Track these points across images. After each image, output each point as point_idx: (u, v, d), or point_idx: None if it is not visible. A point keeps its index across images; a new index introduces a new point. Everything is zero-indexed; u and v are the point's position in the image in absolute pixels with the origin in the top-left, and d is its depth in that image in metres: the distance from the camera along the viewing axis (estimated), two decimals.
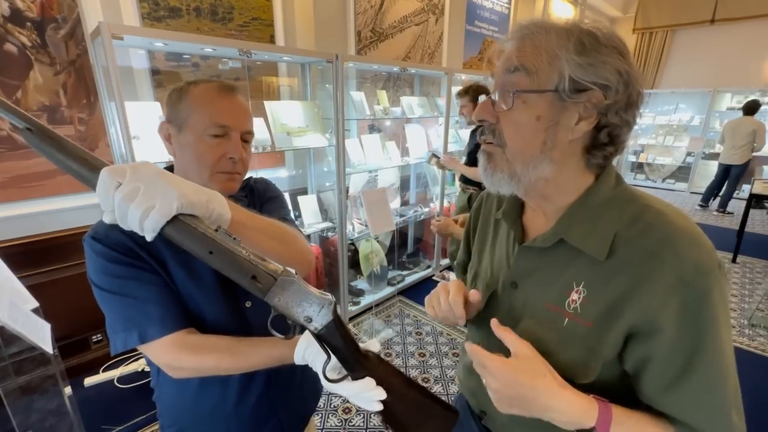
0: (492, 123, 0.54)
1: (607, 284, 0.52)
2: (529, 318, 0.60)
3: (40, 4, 1.65)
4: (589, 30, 0.49)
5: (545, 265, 0.58)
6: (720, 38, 6.28)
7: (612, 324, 0.51)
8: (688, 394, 0.49)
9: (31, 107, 1.70)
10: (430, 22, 3.51)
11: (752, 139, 4.95)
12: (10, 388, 1.47)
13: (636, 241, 0.51)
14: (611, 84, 0.48)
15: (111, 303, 0.64)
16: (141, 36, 1.50)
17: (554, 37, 0.49)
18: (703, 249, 0.50)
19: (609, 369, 0.54)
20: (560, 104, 0.50)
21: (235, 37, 2.25)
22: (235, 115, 0.71)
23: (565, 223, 0.56)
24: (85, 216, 1.89)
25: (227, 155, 0.70)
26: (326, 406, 1.94)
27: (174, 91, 0.72)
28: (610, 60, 0.48)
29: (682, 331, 0.48)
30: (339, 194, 2.39)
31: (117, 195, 0.45)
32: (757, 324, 2.67)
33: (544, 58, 0.49)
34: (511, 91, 0.51)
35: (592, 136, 0.52)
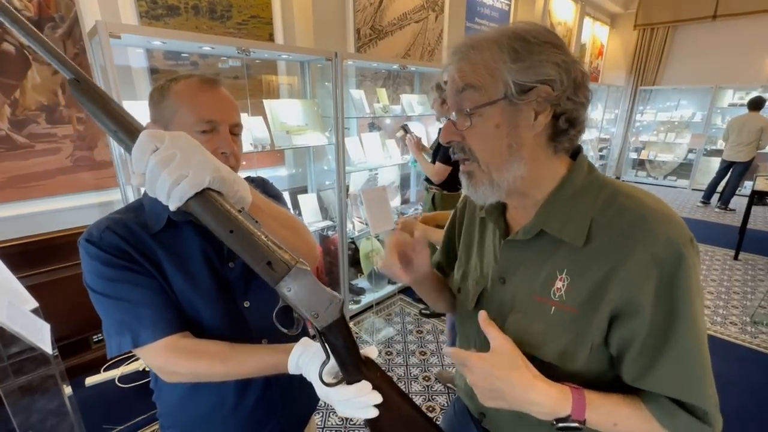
0: (460, 141, 0.57)
1: (587, 269, 0.54)
2: (517, 311, 0.62)
3: (37, 3, 1.64)
4: (517, 34, 0.52)
5: (529, 257, 0.60)
6: (722, 34, 6.25)
7: (596, 308, 0.53)
8: (666, 367, 0.51)
9: (29, 107, 1.69)
10: (429, 19, 3.49)
11: (759, 136, 4.92)
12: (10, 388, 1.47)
13: (610, 224, 0.53)
14: (554, 77, 0.51)
15: (105, 306, 0.64)
16: (138, 35, 1.49)
17: (487, 53, 0.52)
18: (674, 225, 0.51)
19: (597, 355, 0.56)
20: (513, 108, 0.52)
21: (233, 36, 2.24)
22: (221, 109, 0.69)
23: (543, 215, 0.58)
24: (85, 216, 1.88)
25: (218, 151, 0.68)
26: (327, 405, 1.94)
27: (155, 90, 0.69)
28: (545, 56, 0.51)
29: (658, 305, 0.50)
30: (339, 193, 2.38)
31: (152, 158, 0.45)
32: (760, 321, 2.66)
33: (484, 73, 0.52)
34: (465, 110, 0.54)
35: (553, 126, 0.55)
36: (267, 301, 0.76)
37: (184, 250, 0.70)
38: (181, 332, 0.65)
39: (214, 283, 0.71)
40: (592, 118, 6.15)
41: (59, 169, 1.82)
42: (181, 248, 0.69)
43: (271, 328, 0.56)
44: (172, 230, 0.69)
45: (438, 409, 1.90)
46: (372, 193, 2.21)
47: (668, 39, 6.72)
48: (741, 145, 5.06)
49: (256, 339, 0.74)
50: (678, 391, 0.51)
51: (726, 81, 6.21)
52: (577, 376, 0.56)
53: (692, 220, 5.04)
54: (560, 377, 0.56)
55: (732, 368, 2.20)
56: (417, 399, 1.97)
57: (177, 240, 0.69)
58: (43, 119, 1.73)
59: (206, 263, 0.71)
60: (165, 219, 0.68)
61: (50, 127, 1.76)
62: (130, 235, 0.66)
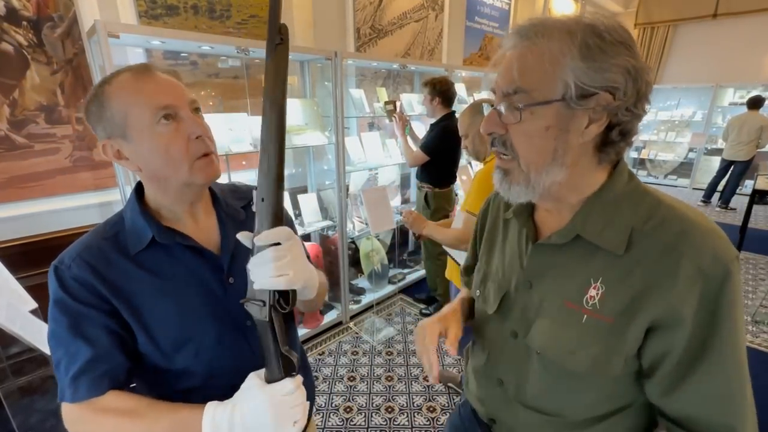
0: (502, 134, 0.54)
1: (626, 279, 0.51)
2: (545, 317, 0.59)
3: (36, 3, 1.64)
4: (593, 27, 0.48)
5: (561, 262, 0.58)
6: (722, 33, 6.23)
7: (633, 319, 0.51)
8: (700, 385, 0.49)
9: (28, 107, 1.68)
10: (429, 18, 3.49)
11: (759, 135, 4.91)
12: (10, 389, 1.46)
13: (653, 235, 0.51)
14: (619, 85, 0.48)
15: (52, 335, 0.62)
16: (137, 34, 1.48)
17: (557, 43, 0.48)
18: (721, 240, 0.50)
19: (630, 366, 0.54)
20: (568, 112, 0.49)
21: (233, 35, 2.23)
22: (172, 91, 0.62)
23: (580, 219, 0.55)
24: (84, 216, 1.88)
25: (192, 136, 0.62)
26: (327, 405, 1.93)
27: (90, 104, 0.62)
28: (616, 60, 0.47)
29: (700, 321, 0.48)
30: (339, 192, 2.38)
31: (270, 251, 0.54)
32: (761, 320, 2.66)
33: (547, 67, 0.48)
34: (518, 105, 0.50)
35: (603, 135, 0.52)
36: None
37: (172, 270, 0.66)
38: (105, 392, 0.60)
39: (209, 303, 0.68)
40: None
41: (58, 170, 1.81)
42: (168, 269, 0.66)
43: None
44: (156, 250, 0.65)
45: (438, 410, 1.90)
46: (372, 192, 2.21)
47: (668, 38, 6.71)
48: (741, 144, 5.05)
49: (258, 359, 0.70)
50: (708, 410, 0.49)
51: (726, 80, 6.19)
52: (612, 382, 0.56)
53: None
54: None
55: None
56: (417, 399, 1.97)
57: (162, 260, 0.66)
58: (43, 119, 1.73)
59: (197, 282, 0.68)
60: (149, 238, 0.64)
61: (49, 127, 1.75)
62: (102, 264, 0.62)
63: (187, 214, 0.70)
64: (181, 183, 0.64)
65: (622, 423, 0.59)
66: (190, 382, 0.69)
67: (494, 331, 0.70)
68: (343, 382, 2.10)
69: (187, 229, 0.69)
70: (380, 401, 1.96)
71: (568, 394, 0.60)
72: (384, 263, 2.89)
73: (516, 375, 0.65)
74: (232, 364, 0.70)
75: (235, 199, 0.79)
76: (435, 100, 2.43)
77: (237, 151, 1.91)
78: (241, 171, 2.36)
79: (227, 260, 0.70)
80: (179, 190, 0.66)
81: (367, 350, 2.37)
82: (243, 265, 0.72)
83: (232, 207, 0.76)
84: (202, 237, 0.70)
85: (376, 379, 2.12)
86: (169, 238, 0.66)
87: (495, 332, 0.69)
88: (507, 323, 0.66)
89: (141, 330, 0.64)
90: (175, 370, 0.67)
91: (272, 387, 0.54)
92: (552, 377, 0.60)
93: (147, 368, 0.67)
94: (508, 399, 0.67)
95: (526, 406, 0.64)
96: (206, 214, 0.73)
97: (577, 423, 0.60)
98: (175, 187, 0.65)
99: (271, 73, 0.53)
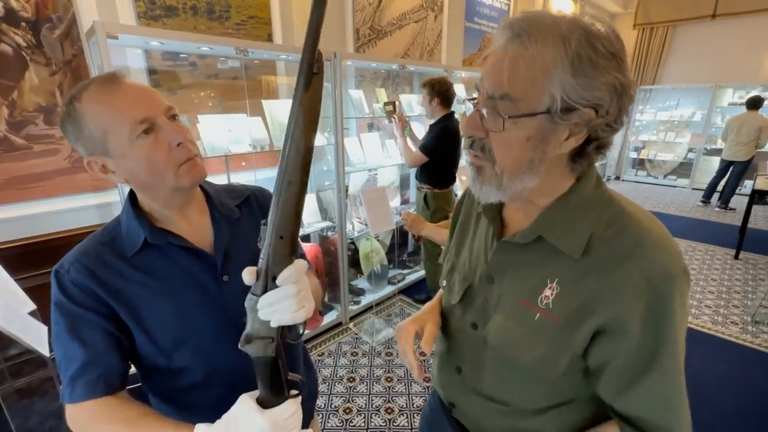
0: (482, 138, 0.54)
1: (579, 282, 0.53)
2: (501, 312, 0.62)
3: (34, 4, 1.64)
4: (588, 34, 0.46)
5: (522, 261, 0.60)
6: (721, 33, 6.24)
7: (582, 321, 0.53)
8: (646, 390, 0.52)
9: (27, 108, 1.68)
10: (429, 19, 3.49)
11: (758, 135, 4.91)
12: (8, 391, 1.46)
13: (611, 242, 0.52)
14: (604, 102, 0.48)
15: (55, 337, 0.64)
16: (136, 35, 1.48)
17: (550, 50, 0.46)
18: (673, 254, 0.51)
19: (575, 364, 0.57)
20: (551, 125, 0.49)
21: (232, 36, 2.23)
22: (144, 102, 0.61)
23: (544, 222, 0.57)
24: (83, 217, 1.88)
25: (173, 144, 0.62)
26: (327, 406, 1.93)
27: (64, 122, 0.61)
28: (605, 78, 0.46)
29: (645, 331, 0.51)
30: (338, 193, 2.38)
31: (292, 287, 0.52)
32: (761, 321, 2.65)
33: (537, 77, 0.47)
34: (502, 115, 0.50)
35: (580, 148, 0.53)
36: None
37: (167, 270, 0.68)
38: (104, 395, 0.62)
39: (205, 302, 0.69)
40: None
41: (57, 171, 1.81)
42: (163, 269, 0.67)
43: None
44: (151, 251, 0.67)
45: None
46: (371, 193, 2.21)
47: (668, 38, 6.72)
48: (740, 145, 5.05)
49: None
50: (652, 413, 0.53)
51: (726, 80, 6.19)
52: (556, 381, 0.59)
53: (692, 219, 5.04)
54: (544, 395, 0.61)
55: (733, 368, 2.19)
56: (417, 400, 1.97)
57: (158, 261, 0.67)
58: (41, 120, 1.73)
59: (192, 282, 0.69)
60: (141, 240, 0.66)
61: (48, 128, 1.75)
62: (100, 267, 0.64)
63: (179, 216, 0.71)
64: (169, 189, 0.65)
65: (567, 414, 0.62)
66: (191, 379, 0.70)
67: (456, 321, 0.72)
68: (343, 383, 2.10)
69: (181, 230, 0.70)
70: (380, 402, 1.96)
71: (517, 386, 0.63)
72: (383, 264, 2.89)
73: (473, 364, 0.68)
74: (231, 360, 0.70)
75: (230, 198, 0.79)
76: (434, 101, 2.43)
77: (236, 152, 1.91)
78: (241, 172, 2.36)
79: (221, 259, 0.71)
80: (168, 196, 0.67)
81: (367, 351, 2.36)
82: (237, 264, 0.73)
83: (226, 206, 0.77)
84: (196, 237, 0.71)
85: (375, 380, 2.11)
86: (161, 239, 0.67)
87: (457, 322, 0.72)
88: (468, 314, 0.68)
89: (140, 331, 0.66)
90: (175, 368, 0.68)
91: (272, 412, 0.53)
92: (504, 369, 0.63)
93: (148, 369, 0.69)
94: (465, 386, 0.71)
95: (480, 394, 0.68)
96: (199, 215, 0.74)
97: (525, 412, 0.63)
98: (163, 193, 0.67)
99: (306, 106, 0.47)
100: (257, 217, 0.81)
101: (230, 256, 0.73)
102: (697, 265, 3.62)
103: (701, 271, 3.49)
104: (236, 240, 0.75)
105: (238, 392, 0.57)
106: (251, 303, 0.53)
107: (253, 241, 0.77)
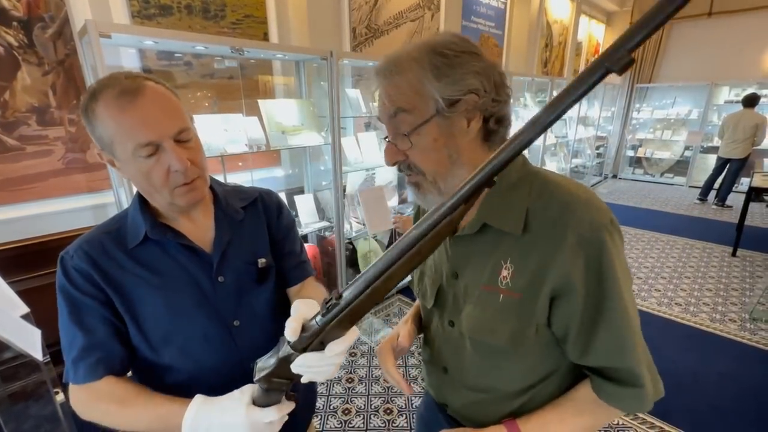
0: (404, 160, 0.61)
1: (527, 256, 0.57)
2: (470, 302, 0.64)
3: (26, 3, 1.61)
4: (436, 50, 0.55)
5: (477, 250, 0.63)
6: (717, 31, 6.26)
7: (538, 291, 0.57)
8: (602, 340, 0.56)
9: (19, 108, 1.66)
10: (425, 18, 3.48)
11: (754, 133, 4.93)
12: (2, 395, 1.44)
13: (543, 212, 0.57)
14: (477, 85, 0.55)
15: (60, 319, 0.67)
16: (129, 34, 1.47)
17: (411, 74, 0.55)
18: (597, 209, 0.56)
19: (544, 337, 0.61)
20: (446, 121, 0.56)
21: (227, 35, 2.21)
22: (154, 124, 0.60)
23: (485, 209, 0.61)
24: (78, 219, 1.86)
25: (171, 170, 0.62)
26: (325, 407, 1.92)
27: (82, 114, 0.62)
28: (465, 68, 0.55)
29: (588, 282, 0.55)
30: (336, 193, 2.36)
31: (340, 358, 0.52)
32: (759, 318, 2.66)
33: (412, 94, 0.56)
34: (403, 133, 0.58)
35: (485, 128, 0.59)
36: (259, 320, 0.75)
37: (165, 266, 0.68)
38: (104, 377, 0.64)
39: (198, 301, 0.69)
40: (589, 116, 6.15)
41: (51, 172, 1.79)
42: (161, 264, 0.68)
43: (263, 351, 0.55)
44: (151, 245, 0.68)
45: None
46: (369, 193, 2.20)
47: (664, 36, 6.73)
48: (736, 142, 5.06)
49: (245, 362, 0.71)
50: (612, 360, 0.57)
51: (722, 78, 6.22)
52: (532, 364, 0.63)
53: (690, 217, 5.05)
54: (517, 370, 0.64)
55: (732, 365, 2.20)
56: (415, 400, 1.95)
57: (156, 255, 0.68)
58: (34, 121, 1.71)
59: (187, 279, 0.69)
60: (142, 234, 0.67)
61: (41, 129, 1.73)
62: (101, 256, 0.66)
63: (182, 216, 0.72)
64: (165, 202, 0.67)
65: (550, 387, 0.66)
66: (176, 377, 0.70)
67: (435, 324, 0.75)
68: (341, 383, 2.09)
69: (183, 227, 0.71)
70: (379, 403, 1.95)
71: (498, 371, 0.66)
72: None
73: (456, 360, 0.71)
74: (219, 363, 0.71)
75: (237, 199, 0.80)
76: None
77: (232, 152, 1.90)
78: (238, 172, 2.35)
79: (217, 258, 0.71)
80: (166, 206, 0.68)
81: (366, 351, 2.35)
82: (233, 265, 0.74)
83: (232, 207, 0.77)
84: (198, 235, 0.72)
85: (374, 381, 2.10)
86: (160, 234, 0.67)
87: (436, 324, 0.75)
88: (445, 315, 0.71)
89: (131, 321, 0.67)
90: (162, 364, 0.69)
91: (254, 412, 0.54)
92: (482, 357, 0.66)
93: (138, 360, 0.70)
94: (453, 384, 0.74)
95: (468, 387, 0.71)
96: (205, 214, 0.75)
97: (511, 394, 0.67)
98: (161, 203, 0.68)
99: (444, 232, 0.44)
100: (261, 219, 0.81)
101: (227, 257, 0.73)
102: (695, 262, 3.62)
103: (699, 268, 3.49)
104: (236, 241, 0.75)
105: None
106: (285, 351, 0.51)
107: (254, 244, 0.78)
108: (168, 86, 0.65)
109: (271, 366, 0.51)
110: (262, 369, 0.52)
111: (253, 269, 0.76)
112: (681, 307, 2.85)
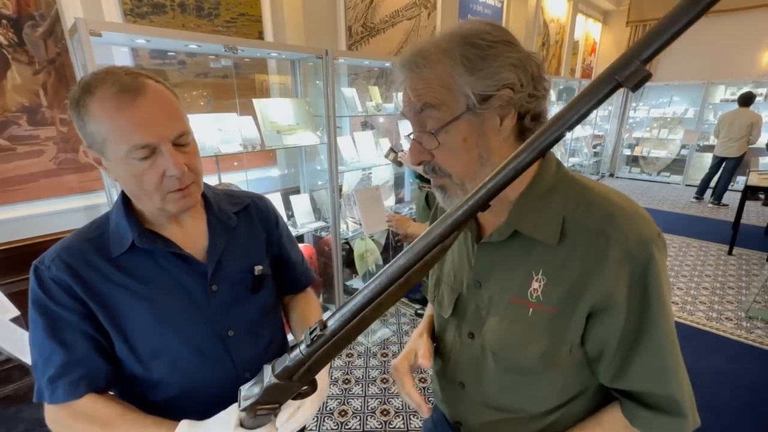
0: (430, 160, 0.56)
1: (563, 268, 0.53)
2: (495, 314, 0.60)
3: (16, 1, 1.59)
4: (467, 40, 0.50)
5: (504, 258, 0.59)
6: (713, 30, 6.27)
7: (574, 307, 0.53)
8: (642, 362, 0.52)
9: (9, 108, 1.64)
10: (422, 16, 3.46)
11: (749, 132, 4.94)
12: None
13: (582, 222, 0.53)
14: (513, 79, 0.50)
15: (33, 334, 0.61)
16: (120, 32, 1.45)
17: (440, 67, 0.50)
18: (643, 221, 0.52)
19: (576, 355, 0.56)
20: (478, 118, 0.51)
21: (222, 34, 2.19)
22: (153, 126, 0.57)
23: (516, 215, 0.56)
24: (70, 220, 1.83)
25: (166, 175, 0.59)
26: (321, 409, 1.91)
27: (72, 107, 0.57)
28: (500, 60, 0.49)
29: (632, 301, 0.51)
30: (332, 193, 2.35)
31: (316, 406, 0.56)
32: (755, 316, 2.67)
33: (441, 89, 0.51)
34: (430, 130, 0.52)
35: (519, 125, 0.54)
36: (253, 328, 0.73)
37: (153, 275, 0.65)
38: (83, 395, 0.60)
39: (190, 311, 0.66)
40: None
41: (42, 172, 1.76)
42: (149, 273, 0.64)
43: (257, 361, 0.54)
44: (138, 253, 0.64)
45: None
46: (365, 192, 2.18)
47: None
48: (732, 141, 5.08)
49: (240, 372, 0.70)
50: (651, 385, 0.52)
51: (718, 77, 6.23)
52: (562, 385, 0.58)
53: (686, 215, 5.06)
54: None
55: (728, 364, 2.20)
56: None
57: (144, 264, 0.64)
58: (25, 121, 1.68)
59: (178, 289, 0.66)
60: (129, 242, 0.63)
61: (32, 129, 1.71)
62: (83, 266, 0.61)
63: (171, 221, 0.68)
64: (154, 207, 0.63)
65: (577, 408, 0.61)
66: (167, 393, 0.67)
67: (452, 335, 0.70)
68: (338, 384, 2.08)
69: (172, 234, 0.67)
70: (375, 404, 1.94)
71: (524, 390, 0.61)
72: (379, 264, 2.86)
73: (476, 376, 0.66)
74: (211, 376, 0.68)
75: (229, 204, 0.77)
76: None
77: (226, 151, 1.88)
78: (233, 172, 2.32)
79: (212, 267, 0.68)
80: (155, 211, 0.65)
81: (362, 352, 2.34)
82: (228, 274, 0.71)
83: (224, 212, 0.74)
84: (188, 242, 0.68)
85: (371, 382, 2.09)
86: (149, 242, 0.64)
87: (453, 335, 0.70)
88: (464, 326, 0.67)
89: (117, 335, 0.63)
90: (152, 379, 0.65)
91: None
92: (507, 374, 0.61)
93: (124, 376, 0.66)
94: (470, 401, 0.68)
95: (488, 405, 0.66)
96: (195, 219, 0.71)
97: (536, 415, 0.62)
98: (150, 207, 0.64)
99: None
100: (256, 225, 0.79)
101: (222, 265, 0.70)
102: (691, 261, 3.63)
103: (695, 267, 3.50)
104: (231, 249, 0.72)
105: (211, 415, 0.55)
106: (270, 381, 0.47)
107: (248, 251, 0.76)
108: (168, 86, 0.62)
109: (255, 395, 0.49)
110: (247, 398, 0.50)
111: (249, 277, 0.73)
112: (677, 305, 2.85)
